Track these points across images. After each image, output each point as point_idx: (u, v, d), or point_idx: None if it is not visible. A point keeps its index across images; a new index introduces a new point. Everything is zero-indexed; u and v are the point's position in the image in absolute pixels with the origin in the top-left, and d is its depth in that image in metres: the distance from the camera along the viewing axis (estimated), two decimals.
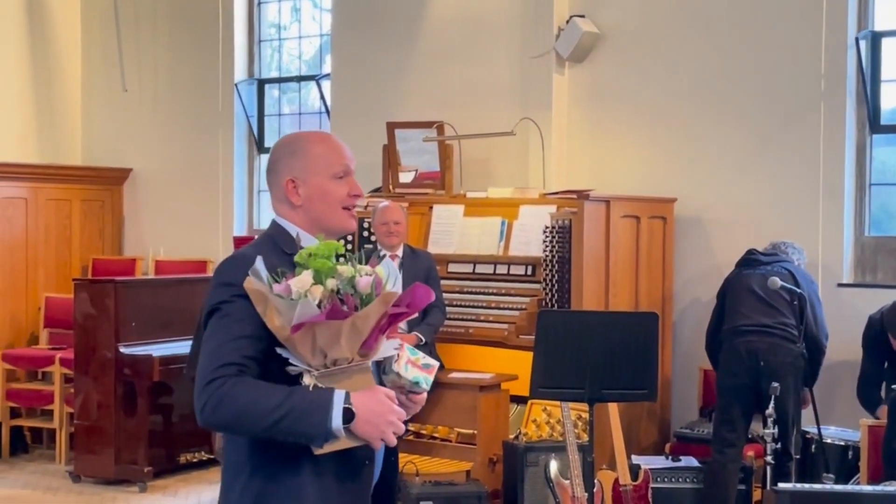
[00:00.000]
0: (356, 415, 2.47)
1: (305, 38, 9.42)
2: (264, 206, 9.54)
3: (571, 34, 7.36)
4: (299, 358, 2.49)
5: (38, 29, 9.73)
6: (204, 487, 7.54)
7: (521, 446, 6.07)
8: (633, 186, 7.17)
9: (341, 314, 2.48)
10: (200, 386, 2.48)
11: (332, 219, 2.71)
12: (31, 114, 9.68)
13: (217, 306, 2.55)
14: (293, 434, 2.46)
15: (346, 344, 2.49)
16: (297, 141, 2.76)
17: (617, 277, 6.55)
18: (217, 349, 2.50)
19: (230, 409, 2.45)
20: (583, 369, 4.74)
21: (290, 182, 2.70)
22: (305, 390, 2.47)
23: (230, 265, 2.60)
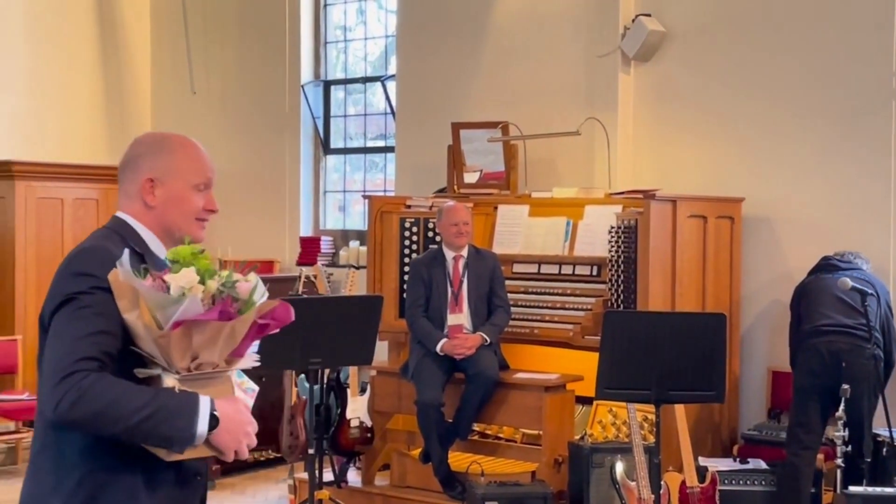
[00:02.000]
0: (219, 423, 2.38)
1: (371, 40, 9.47)
2: (330, 207, 9.61)
3: (637, 33, 7.32)
4: (164, 358, 2.38)
5: (108, 33, 9.90)
6: (271, 486, 7.62)
7: (586, 447, 6.04)
8: (699, 186, 7.11)
9: (228, 315, 2.38)
10: (56, 379, 2.31)
11: (182, 227, 2.60)
12: (102, 116, 9.85)
13: (73, 296, 2.39)
14: (155, 436, 2.35)
15: (220, 348, 2.40)
16: (165, 141, 2.64)
17: (683, 278, 6.50)
18: (76, 342, 2.35)
19: (91, 405, 2.30)
20: (649, 370, 4.72)
21: (149, 181, 2.58)
22: (171, 392, 2.36)
23: (87, 256, 2.45)
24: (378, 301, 5.97)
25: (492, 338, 6.39)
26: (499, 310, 6.49)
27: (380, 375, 6.88)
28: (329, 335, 5.60)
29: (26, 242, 8.71)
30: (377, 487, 6.80)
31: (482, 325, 6.42)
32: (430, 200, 7.26)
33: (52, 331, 2.41)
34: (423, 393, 6.28)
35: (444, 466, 6.37)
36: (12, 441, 8.19)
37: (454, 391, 6.36)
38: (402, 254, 7.13)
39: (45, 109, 9.41)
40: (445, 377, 6.35)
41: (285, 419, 6.96)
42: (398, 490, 6.68)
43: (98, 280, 2.39)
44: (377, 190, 9.28)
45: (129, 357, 2.39)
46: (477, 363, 6.28)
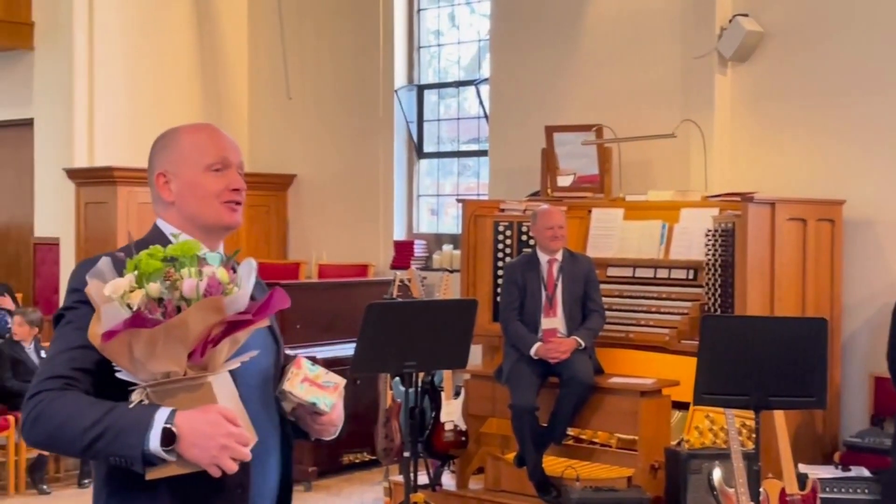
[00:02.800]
0: (179, 436, 2.14)
1: (463, 44, 9.49)
2: (423, 211, 9.66)
3: (734, 34, 7.22)
4: (124, 370, 2.21)
5: (206, 40, 10.08)
6: (367, 488, 7.67)
7: (683, 453, 5.97)
8: (799, 188, 6.98)
9: (141, 322, 2.15)
10: (27, 397, 2.23)
11: (207, 214, 2.42)
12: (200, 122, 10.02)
13: (61, 312, 2.32)
14: (110, 455, 2.17)
15: (165, 356, 2.17)
16: (170, 133, 2.50)
17: (783, 282, 6.39)
18: (50, 360, 2.26)
19: (45, 426, 2.18)
20: (748, 376, 4.65)
21: (161, 176, 2.44)
22: (125, 407, 2.18)
23: (79, 269, 2.33)
24: (472, 305, 5.98)
25: (586, 342, 6.36)
26: (593, 314, 6.46)
27: (474, 379, 6.89)
28: (423, 339, 5.62)
29: None
30: (471, 491, 6.81)
31: (577, 329, 6.39)
32: (523, 204, 7.25)
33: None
34: (517, 397, 6.27)
35: (539, 471, 6.35)
36: None
37: (549, 395, 6.34)
38: (496, 257, 7.13)
39: (145, 116, 9.61)
40: (540, 381, 6.33)
41: (380, 422, 7.01)
42: (492, 494, 6.68)
43: (82, 294, 2.25)
44: (470, 194, 9.29)
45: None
46: (571, 367, 6.26)
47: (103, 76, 9.41)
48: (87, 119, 9.35)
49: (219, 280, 2.20)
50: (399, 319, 5.64)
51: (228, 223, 2.44)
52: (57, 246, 9.52)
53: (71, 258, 9.24)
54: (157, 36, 9.77)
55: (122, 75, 9.54)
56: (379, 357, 5.68)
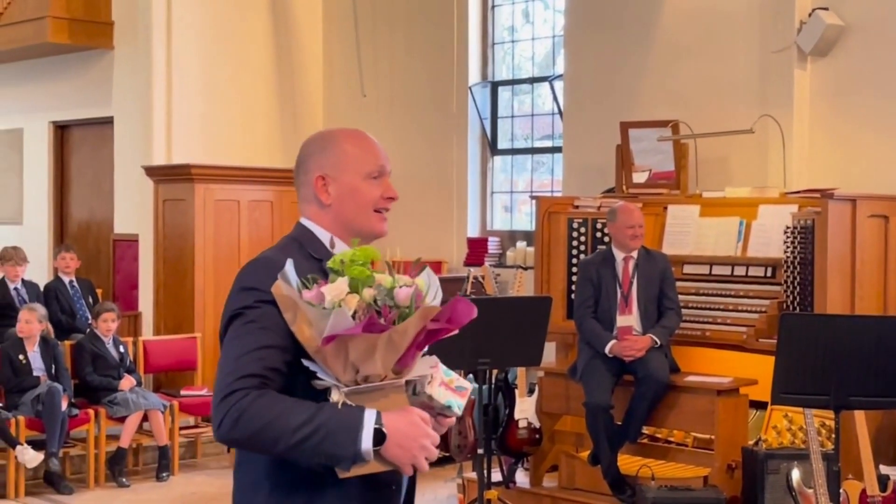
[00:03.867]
0: (387, 437, 2.24)
1: (537, 40, 9.46)
2: (497, 208, 9.64)
3: (814, 27, 7.10)
4: (328, 372, 2.28)
5: (282, 39, 10.18)
6: (440, 485, 7.67)
7: (761, 453, 5.89)
8: (880, 184, 6.84)
9: (378, 328, 2.25)
10: (218, 398, 2.26)
11: (362, 221, 2.50)
12: (277, 121, 10.13)
13: (240, 311, 2.32)
14: (318, 455, 2.24)
15: (380, 360, 2.27)
16: (329, 137, 2.55)
17: (864, 279, 6.27)
18: (238, 359, 2.27)
19: (250, 424, 2.22)
20: (828, 375, 4.57)
21: (320, 179, 2.49)
22: (334, 408, 2.25)
23: (254, 269, 2.38)
24: (547, 302, 5.96)
25: (662, 340, 6.30)
26: (669, 312, 6.40)
27: (548, 376, 6.87)
28: (498, 336, 5.61)
29: (205, 243, 9.03)
30: (545, 489, 6.79)
31: (652, 327, 6.34)
32: (598, 201, 7.21)
33: (222, 348, 2.37)
34: (591, 395, 6.24)
35: (614, 469, 6.30)
36: (192, 435, 8.48)
37: (623, 393, 6.30)
38: (570, 254, 7.10)
39: (221, 114, 9.73)
40: (614, 379, 6.29)
41: None
42: (566, 492, 6.66)
43: (263, 293, 2.30)
44: (544, 190, 9.26)
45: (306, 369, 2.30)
46: (646, 365, 6.20)
47: (181, 75, 9.55)
48: (165, 117, 9.49)
49: (420, 290, 2.32)
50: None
51: (379, 231, 2.52)
52: (136, 242, 9.68)
53: (150, 254, 9.39)
54: (234, 34, 9.88)
55: (199, 74, 9.66)
56: (452, 354, 5.67)
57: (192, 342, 8.69)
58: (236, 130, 9.81)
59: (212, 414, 2.29)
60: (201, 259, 9.00)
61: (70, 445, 7.77)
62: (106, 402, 7.78)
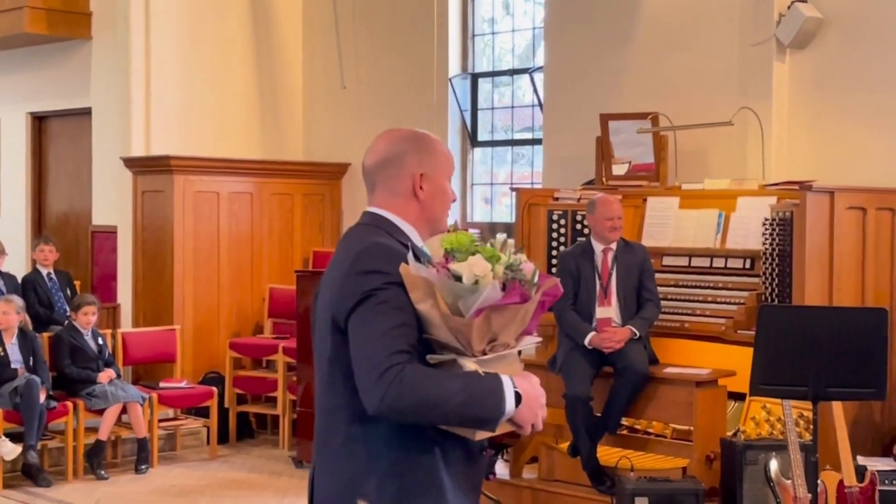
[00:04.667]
0: (521, 399, 2.51)
1: (518, 32, 9.45)
2: (477, 200, 9.64)
3: (793, 20, 7.12)
4: (463, 344, 2.47)
5: (261, 30, 10.14)
6: None
7: (739, 444, 5.92)
8: (858, 177, 6.88)
9: (525, 297, 2.49)
10: (375, 375, 2.44)
11: (442, 218, 2.75)
12: (256, 112, 10.10)
13: (371, 293, 2.50)
14: (468, 419, 2.48)
15: (514, 329, 2.51)
16: (424, 139, 2.77)
17: (842, 271, 6.31)
18: (383, 336, 2.47)
19: (413, 396, 2.43)
20: (806, 366, 4.61)
21: (420, 176, 2.70)
22: (478, 376, 2.47)
23: (372, 254, 2.56)
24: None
25: (641, 331, 6.32)
26: (648, 303, 6.42)
27: (527, 368, 6.85)
28: None
29: (184, 235, 9.00)
30: (525, 480, 6.80)
31: (631, 319, 6.35)
32: (578, 193, 7.22)
33: (353, 329, 2.52)
34: (571, 386, 6.25)
35: (593, 460, 6.32)
36: (171, 428, 8.46)
37: (603, 385, 6.31)
38: (550, 246, 7.11)
39: (201, 105, 9.69)
40: (594, 371, 6.30)
41: None
42: (546, 483, 6.67)
43: (389, 276, 2.50)
44: (524, 182, 9.27)
45: (420, 345, 2.50)
46: (626, 357, 6.22)
47: (160, 65, 9.49)
48: (144, 108, 9.44)
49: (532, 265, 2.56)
50: None
51: (444, 228, 2.77)
52: (114, 234, 9.64)
53: (128, 246, 9.35)
54: (213, 25, 9.83)
55: (178, 65, 9.61)
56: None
57: (171, 334, 8.66)
58: (216, 121, 9.78)
59: (365, 388, 2.46)
60: (180, 251, 8.97)
61: (48, 438, 7.74)
62: (84, 395, 7.76)
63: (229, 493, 7.37)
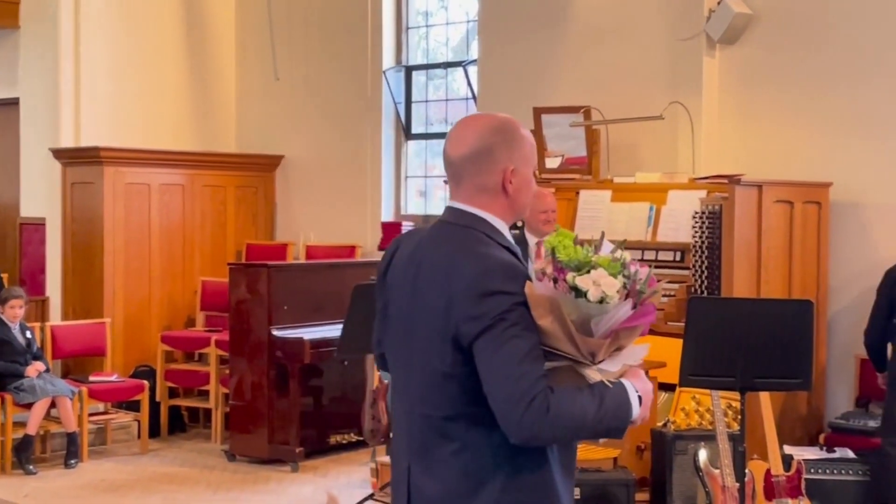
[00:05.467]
0: (642, 401, 2.56)
1: (452, 25, 9.46)
2: (411, 192, 9.64)
3: (723, 15, 7.21)
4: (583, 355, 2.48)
5: (194, 21, 10.03)
6: (354, 468, 7.68)
7: (669, 434, 5.99)
8: (786, 171, 7.00)
9: (653, 315, 2.53)
10: (522, 406, 2.41)
11: (526, 207, 2.72)
12: (188, 103, 9.99)
13: (501, 317, 2.45)
14: (604, 433, 2.52)
15: (634, 339, 2.56)
16: (512, 129, 2.67)
17: (769, 264, 6.41)
18: (522, 363, 2.43)
19: (563, 424, 2.44)
20: (734, 357, 4.66)
21: (512, 171, 2.63)
22: (607, 388, 2.50)
23: (497, 273, 2.51)
24: None
25: None
26: None
27: None
28: None
29: (115, 227, 8.89)
30: None
31: None
32: None
33: (485, 353, 2.46)
34: None
35: None
36: (101, 422, 8.37)
37: None
38: None
39: (131, 96, 9.57)
40: None
41: (367, 403, 7.00)
42: None
43: (514, 296, 2.47)
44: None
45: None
46: None
47: (89, 55, 9.35)
48: (73, 98, 9.30)
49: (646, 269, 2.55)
50: None
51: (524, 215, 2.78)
52: (43, 226, 9.49)
53: (58, 238, 9.21)
54: (144, 15, 9.71)
55: (108, 54, 9.48)
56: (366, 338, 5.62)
57: (101, 327, 8.55)
58: (147, 112, 9.66)
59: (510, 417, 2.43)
60: (111, 243, 8.85)
61: None
62: (12, 389, 7.63)
63: (160, 487, 7.30)
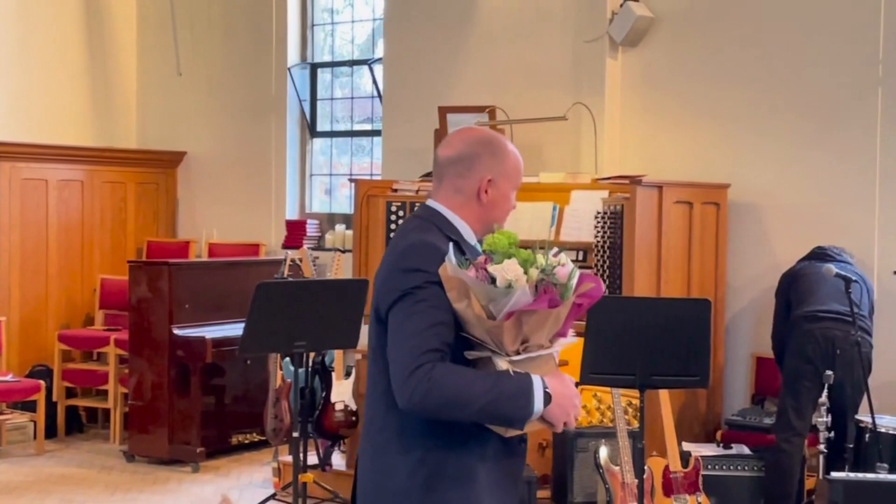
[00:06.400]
0: (552, 399, 2.58)
1: (358, 23, 9.43)
2: (316, 190, 9.59)
3: (625, 18, 7.31)
4: (496, 343, 2.55)
5: (94, 13, 9.84)
6: (255, 468, 7.62)
7: (570, 432, 6.04)
8: (686, 172, 7.12)
9: (556, 302, 2.55)
10: (406, 373, 2.53)
11: (501, 223, 2.82)
12: (88, 97, 9.80)
13: (410, 291, 2.59)
14: (496, 418, 2.57)
15: (547, 331, 2.59)
16: (497, 143, 2.83)
17: (669, 263, 6.51)
18: (417, 334, 2.55)
19: (441, 394, 2.51)
20: (634, 356, 4.72)
21: (489, 181, 2.78)
22: (507, 376, 2.54)
23: (419, 252, 2.64)
24: (364, 284, 5.96)
25: None
26: None
27: (365, 359, 6.87)
28: (314, 319, 5.59)
29: (10, 224, 8.68)
30: None
31: None
32: (416, 185, 7.24)
33: (391, 325, 2.61)
34: None
35: None
36: None
37: None
38: (389, 238, 7.11)
39: (30, 90, 9.35)
40: None
41: (270, 402, 6.96)
42: None
43: (429, 275, 2.57)
44: (364, 173, 9.26)
45: (458, 341, 2.58)
46: None
47: None
48: None
49: (571, 270, 2.62)
50: (289, 299, 5.60)
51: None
52: None
53: None
54: (43, 8, 9.49)
55: (5, 48, 9.24)
56: (269, 337, 5.64)
57: None
58: (45, 106, 9.44)
59: (396, 385, 2.55)
60: (6, 240, 8.64)
61: None
62: None
63: (57, 489, 7.16)
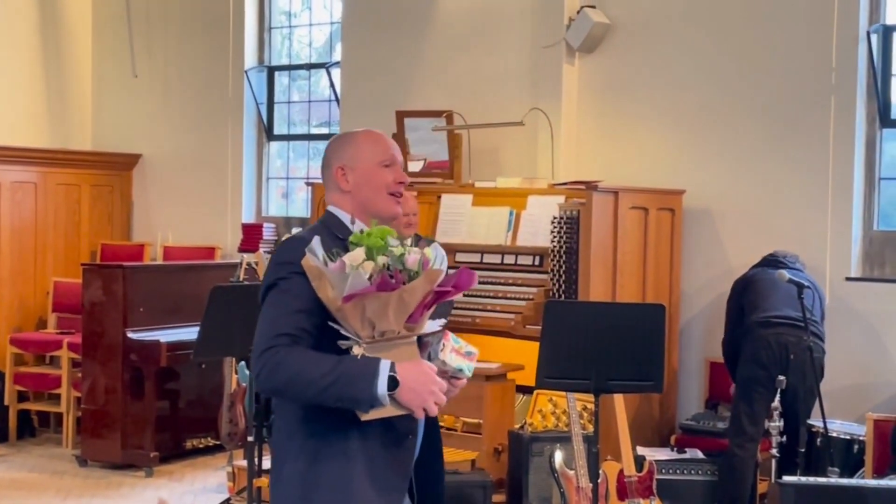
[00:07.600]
0: (400, 383, 2.64)
1: (316, 26, 9.41)
2: (272, 194, 9.55)
3: (582, 24, 7.35)
4: (350, 329, 2.65)
5: (49, 14, 9.74)
6: (210, 473, 7.57)
7: (526, 436, 6.07)
8: (642, 178, 7.16)
9: (389, 286, 2.63)
10: (257, 354, 2.69)
11: (378, 203, 2.91)
12: (42, 98, 9.70)
13: (275, 282, 2.75)
14: (341, 399, 2.64)
15: (393, 316, 2.65)
16: (348, 135, 3.01)
17: (624, 269, 6.55)
18: (274, 320, 2.70)
19: (284, 374, 2.64)
20: (589, 360, 4.74)
21: (340, 169, 2.93)
22: (354, 359, 2.64)
23: (288, 246, 2.80)
24: None
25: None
26: None
27: None
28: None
29: None
30: None
31: None
32: None
33: (261, 313, 2.77)
34: None
35: None
36: None
37: None
38: None
39: None
40: None
41: (224, 406, 6.91)
42: None
43: (295, 266, 2.71)
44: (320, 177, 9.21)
45: (331, 331, 2.68)
46: None
47: None
48: None
49: (427, 258, 2.71)
50: (244, 303, 5.57)
51: (393, 212, 2.94)
52: None
53: None
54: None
55: None
56: (224, 341, 5.61)
57: None
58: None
59: (251, 366, 2.73)
60: None
61: None
62: None
63: (8, 493, 7.07)
